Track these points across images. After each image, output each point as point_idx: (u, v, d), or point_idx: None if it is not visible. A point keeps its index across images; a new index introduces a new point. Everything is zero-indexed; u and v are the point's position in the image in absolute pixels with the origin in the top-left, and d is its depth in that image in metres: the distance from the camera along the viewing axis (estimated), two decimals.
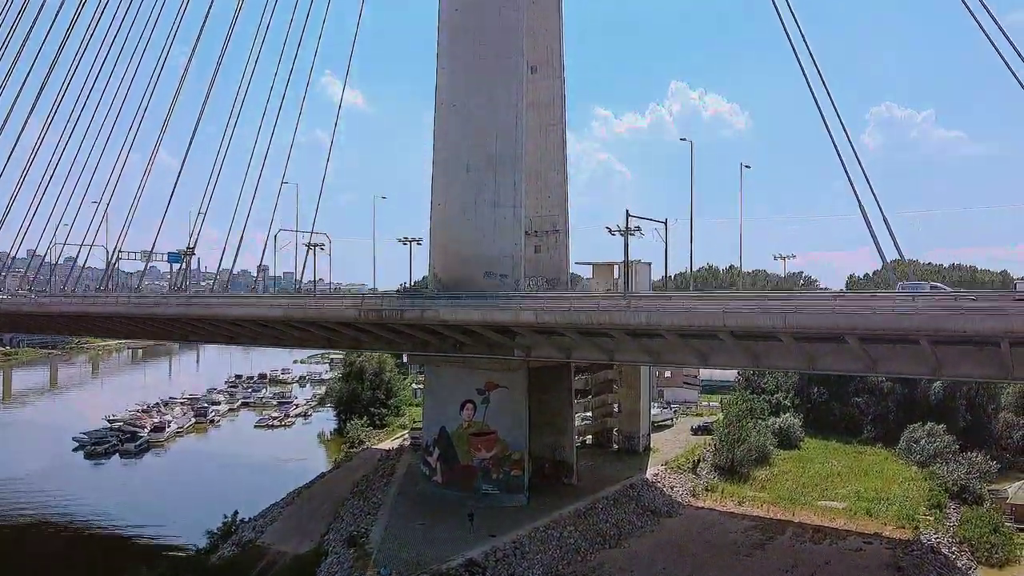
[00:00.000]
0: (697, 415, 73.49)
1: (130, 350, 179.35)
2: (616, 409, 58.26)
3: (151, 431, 74.34)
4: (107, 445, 69.24)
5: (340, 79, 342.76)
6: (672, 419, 70.16)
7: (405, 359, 58.20)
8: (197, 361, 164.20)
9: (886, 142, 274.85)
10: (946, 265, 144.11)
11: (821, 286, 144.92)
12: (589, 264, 60.16)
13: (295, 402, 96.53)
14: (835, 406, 69.99)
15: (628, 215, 39.85)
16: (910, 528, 42.57)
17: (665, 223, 44.13)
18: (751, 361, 35.47)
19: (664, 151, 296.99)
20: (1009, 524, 46.23)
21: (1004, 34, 32.22)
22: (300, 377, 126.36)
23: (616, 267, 59.37)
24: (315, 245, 46.86)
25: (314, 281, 53.05)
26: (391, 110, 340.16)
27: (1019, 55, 31.95)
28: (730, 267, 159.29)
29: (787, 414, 66.34)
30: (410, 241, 48.18)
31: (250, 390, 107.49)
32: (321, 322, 42.62)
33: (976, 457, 53.69)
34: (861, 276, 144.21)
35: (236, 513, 45.46)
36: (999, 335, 26.40)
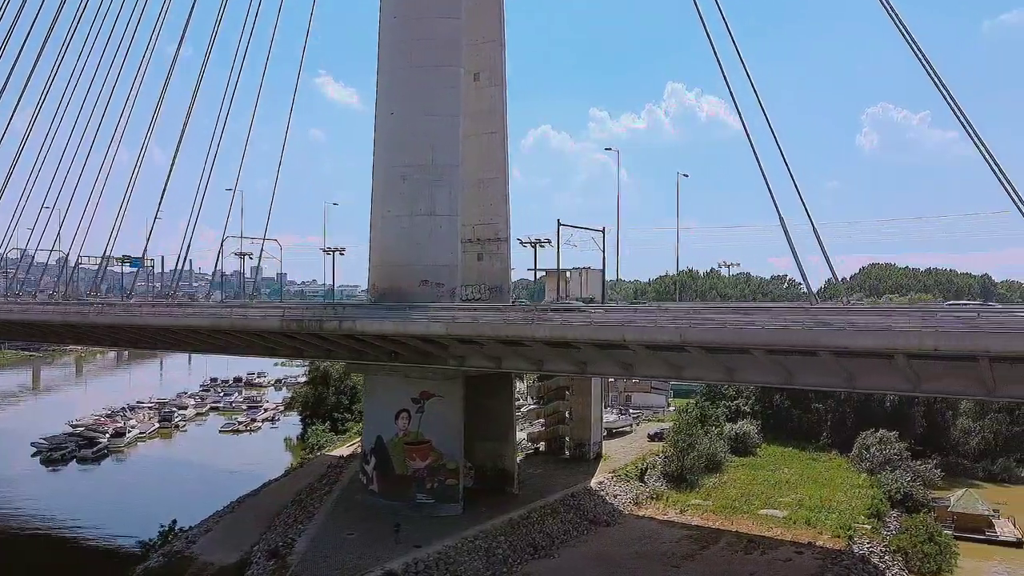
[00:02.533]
0: (659, 421, 73.48)
1: (115, 352, 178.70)
2: (568, 416, 58.24)
3: (111, 437, 74.10)
4: (64, 451, 69.01)
5: (335, 79, 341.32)
6: (631, 425, 70.15)
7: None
8: (189, 363, 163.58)
9: (882, 143, 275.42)
10: (922, 270, 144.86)
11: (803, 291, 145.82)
12: (543, 270, 60.28)
13: (264, 406, 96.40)
14: (795, 412, 70.12)
15: (560, 224, 39.83)
16: (845, 537, 42.59)
17: (603, 231, 44.16)
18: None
19: (662, 151, 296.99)
20: (949, 532, 46.39)
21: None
22: (276, 380, 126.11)
23: (568, 273, 59.53)
24: (245, 253, 46.80)
25: (255, 287, 52.92)
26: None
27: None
28: (711, 271, 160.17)
29: (744, 420, 66.41)
30: (333, 251, 48.08)
31: (222, 394, 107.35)
32: (246, 331, 42.53)
33: (921, 465, 53.77)
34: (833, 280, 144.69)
35: (175, 522, 45.34)
36: (887, 351, 26.34)
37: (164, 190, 55.47)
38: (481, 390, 46.16)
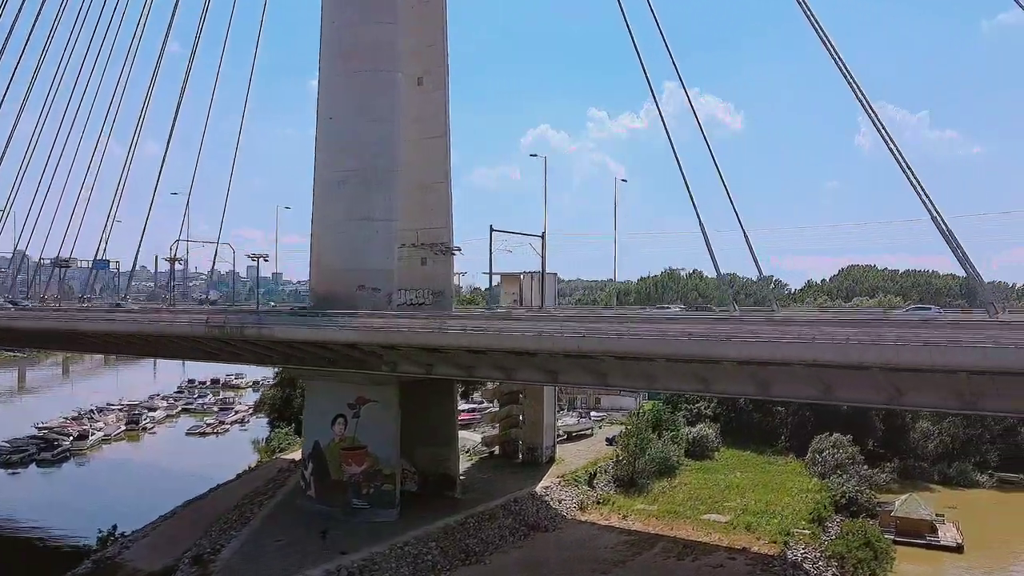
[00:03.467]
0: (621, 424, 73.35)
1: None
2: (522, 420, 58.18)
3: (74, 439, 74.00)
4: (24, 454, 68.87)
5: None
6: (592, 429, 70.04)
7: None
8: (183, 365, 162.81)
9: (880, 143, 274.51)
10: (900, 271, 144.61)
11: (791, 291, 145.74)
12: (499, 274, 60.34)
13: (236, 408, 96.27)
14: (756, 416, 70.08)
15: (492, 230, 39.77)
16: (781, 543, 42.54)
17: (542, 236, 44.12)
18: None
19: (661, 151, 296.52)
20: (890, 537, 46.45)
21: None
22: (254, 382, 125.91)
23: (522, 277, 59.59)
24: (176, 259, 46.75)
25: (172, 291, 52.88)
26: None
27: None
28: (694, 271, 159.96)
29: (703, 424, 66.38)
30: (257, 257, 48.06)
31: (196, 395, 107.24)
32: (172, 336, 42.47)
33: (868, 469, 53.78)
34: (818, 280, 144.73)
35: (115, 527, 45.34)
36: (800, 362, 26.21)
37: (118, 192, 55.68)
38: (423, 396, 46.09)
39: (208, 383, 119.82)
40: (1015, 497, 58.18)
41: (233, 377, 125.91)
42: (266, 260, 47.34)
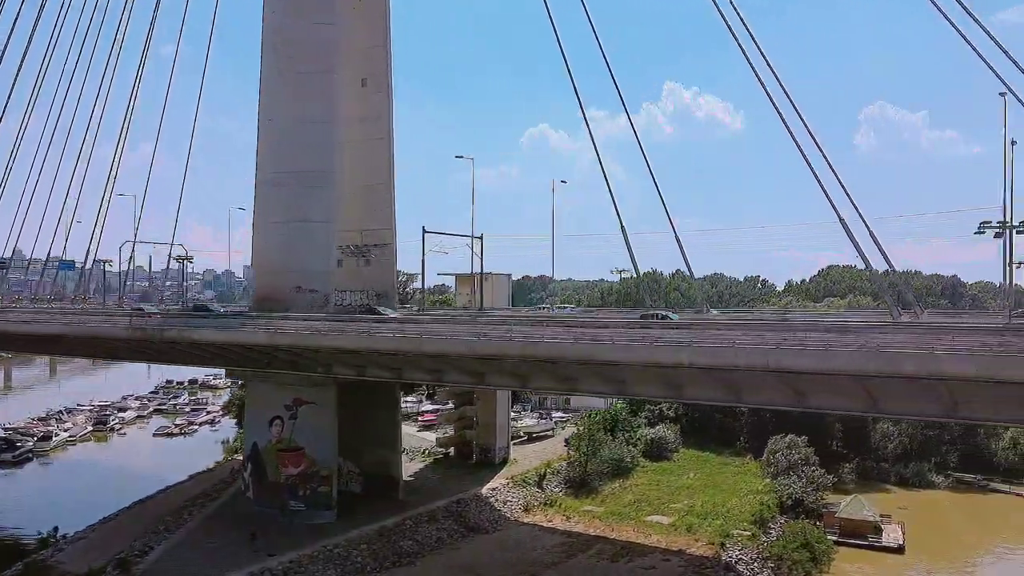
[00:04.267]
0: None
1: None
2: (476, 421, 58.16)
3: (38, 440, 73.88)
4: None
5: None
6: (554, 430, 69.99)
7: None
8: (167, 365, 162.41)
9: (878, 143, 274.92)
10: (879, 271, 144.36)
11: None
12: (453, 275, 60.37)
13: (208, 409, 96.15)
14: (717, 416, 70.03)
15: (425, 231, 39.77)
16: (718, 544, 42.53)
17: (481, 238, 44.13)
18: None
19: (658, 152, 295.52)
20: (833, 537, 46.45)
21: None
22: (232, 382, 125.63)
23: (476, 279, 59.51)
24: (101, 260, 46.61)
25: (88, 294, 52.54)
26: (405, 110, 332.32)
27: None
28: (676, 271, 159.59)
29: (662, 425, 66.34)
30: (183, 259, 48.05)
31: (171, 396, 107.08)
32: (103, 338, 42.46)
33: (815, 471, 53.66)
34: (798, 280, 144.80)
35: (56, 529, 45.31)
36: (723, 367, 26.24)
37: (71, 192, 55.56)
38: (366, 398, 46.19)
39: (186, 383, 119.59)
40: (967, 498, 58.12)
41: (212, 377, 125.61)
42: (191, 260, 47.29)
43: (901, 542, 46.17)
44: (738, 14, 34.56)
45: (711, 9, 35.68)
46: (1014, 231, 24.86)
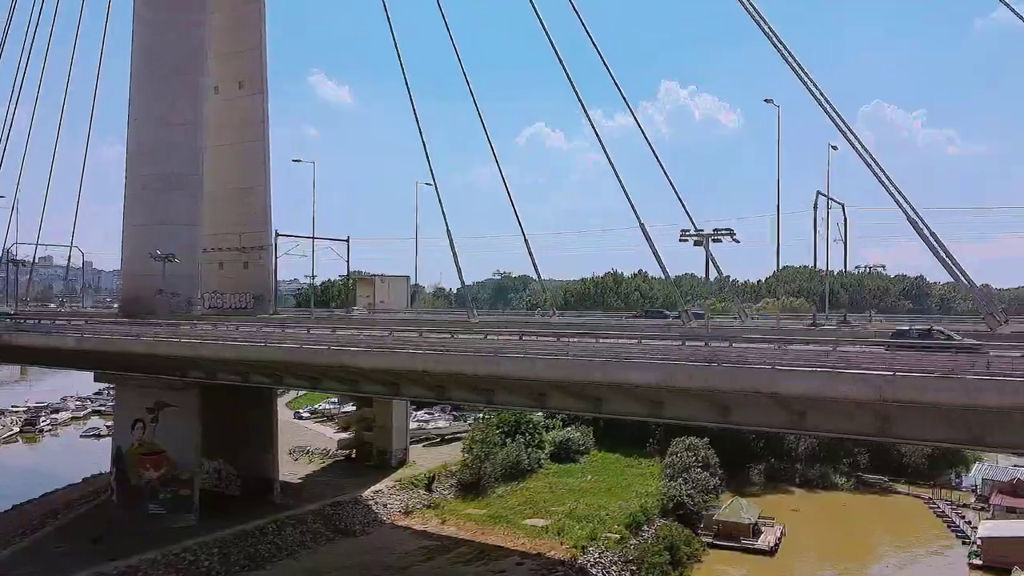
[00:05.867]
0: None
1: None
2: (375, 423, 58.07)
3: None
4: None
5: (328, 78, 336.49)
6: (469, 431, 69.76)
7: None
8: None
9: (876, 142, 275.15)
10: (835, 272, 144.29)
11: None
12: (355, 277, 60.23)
13: None
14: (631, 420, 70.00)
15: (277, 234, 39.62)
16: (581, 548, 42.49)
17: (348, 240, 44.06)
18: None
19: (658, 150, 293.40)
20: (709, 540, 46.53)
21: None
22: None
23: (376, 280, 59.51)
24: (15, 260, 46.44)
25: None
26: (381, 107, 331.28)
27: None
28: (639, 271, 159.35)
29: (572, 427, 66.21)
30: (18, 263, 47.90)
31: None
32: None
33: (702, 474, 53.64)
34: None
35: None
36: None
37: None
38: (242, 401, 45.98)
39: None
40: (867, 499, 58.19)
41: None
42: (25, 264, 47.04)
43: (772, 545, 46.21)
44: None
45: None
46: (709, 240, 24.79)
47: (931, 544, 48.75)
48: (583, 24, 36.86)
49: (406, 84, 41.62)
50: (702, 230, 24.83)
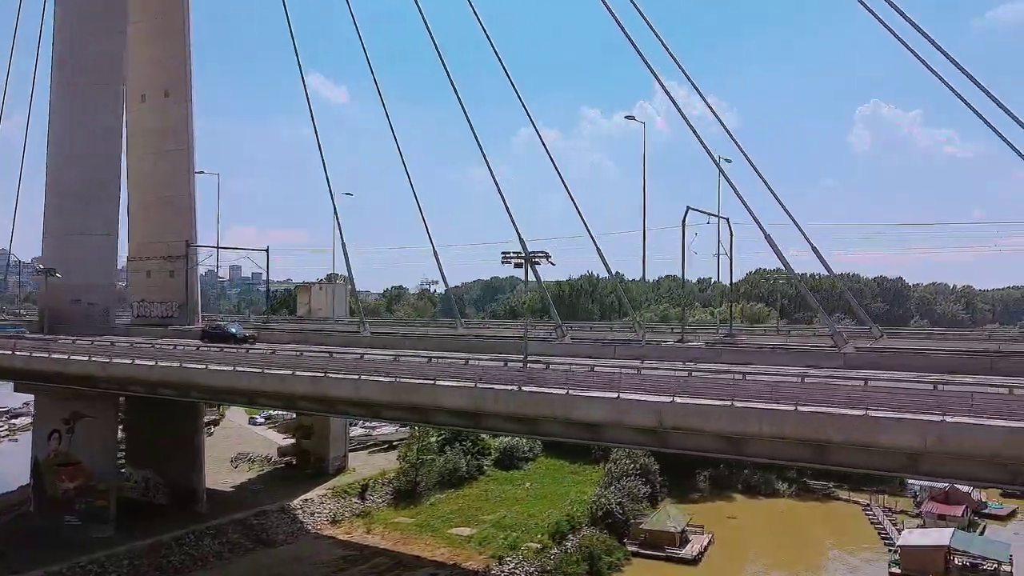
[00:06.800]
0: None
1: None
2: (313, 431, 57.90)
3: None
4: None
5: (326, 79, 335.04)
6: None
7: None
8: None
9: (874, 141, 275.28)
10: (837, 273, 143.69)
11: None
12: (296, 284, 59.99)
13: None
14: None
15: (187, 244, 39.45)
16: (497, 558, 42.42)
17: (267, 251, 43.93)
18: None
19: (656, 149, 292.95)
20: (634, 549, 46.47)
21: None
22: None
23: (313, 288, 59.36)
24: None
25: None
26: (377, 107, 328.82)
27: None
28: (617, 273, 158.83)
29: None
30: None
31: None
32: None
33: (632, 482, 53.53)
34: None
35: None
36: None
37: None
38: (169, 411, 45.83)
39: None
40: (806, 506, 58.18)
41: None
42: None
43: (698, 553, 46.14)
44: None
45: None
46: (531, 261, 24.75)
47: (859, 552, 48.67)
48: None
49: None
50: (521, 253, 24.99)
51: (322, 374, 27.23)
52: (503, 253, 25.44)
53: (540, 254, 25.34)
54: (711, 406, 20.52)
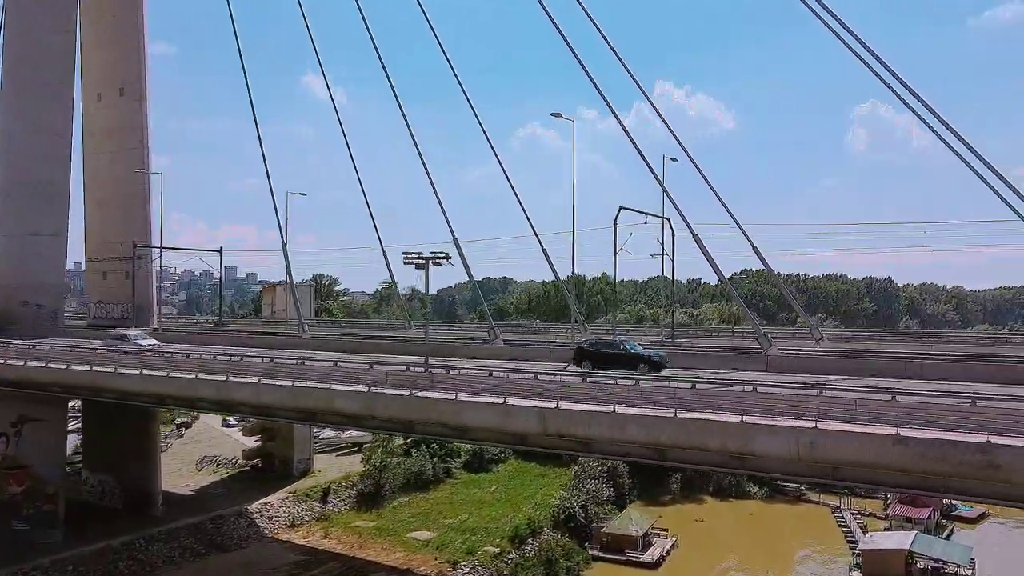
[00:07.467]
0: None
1: None
2: (277, 433, 57.28)
3: None
4: None
5: (321, 76, 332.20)
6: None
7: None
8: None
9: (872, 141, 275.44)
10: (814, 275, 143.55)
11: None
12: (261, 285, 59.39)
13: None
14: None
15: (135, 245, 38.85)
16: (452, 563, 41.88)
17: (220, 250, 43.36)
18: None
19: (650, 151, 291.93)
20: (595, 553, 45.98)
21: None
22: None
23: (277, 288, 58.73)
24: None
25: None
26: (374, 108, 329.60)
27: None
28: (602, 274, 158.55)
29: None
30: None
31: None
32: None
33: (595, 485, 53.05)
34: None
35: None
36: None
37: None
38: (123, 414, 45.17)
39: None
40: (775, 508, 57.65)
41: None
42: None
43: (659, 557, 45.65)
44: None
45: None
46: (429, 263, 24.29)
47: (824, 555, 48.26)
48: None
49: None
50: (421, 254, 24.54)
51: (224, 378, 27.19)
52: (404, 253, 25.00)
53: (441, 255, 24.86)
54: (579, 411, 21.09)
